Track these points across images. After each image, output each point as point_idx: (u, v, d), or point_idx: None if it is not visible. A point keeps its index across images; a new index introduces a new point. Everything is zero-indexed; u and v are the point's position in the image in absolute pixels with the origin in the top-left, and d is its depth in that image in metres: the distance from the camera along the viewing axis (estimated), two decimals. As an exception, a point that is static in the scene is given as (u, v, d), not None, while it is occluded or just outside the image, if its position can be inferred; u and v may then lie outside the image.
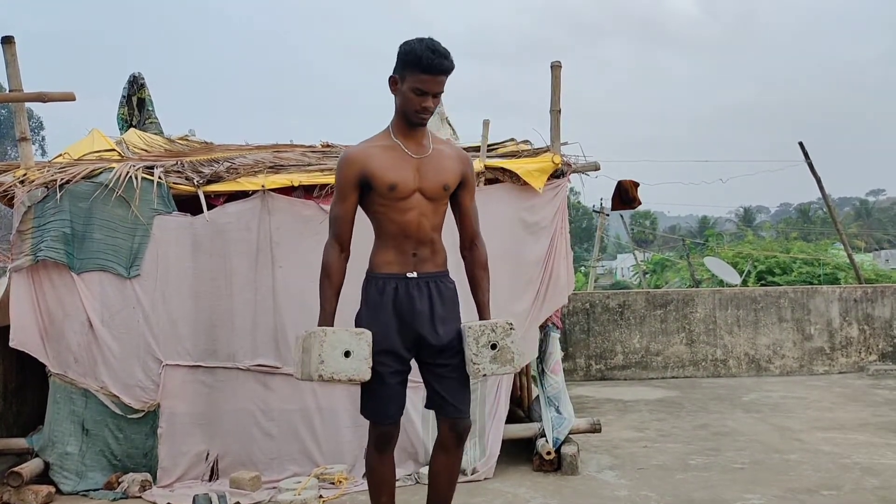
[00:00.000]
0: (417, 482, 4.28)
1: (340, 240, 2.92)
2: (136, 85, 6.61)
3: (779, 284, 12.18)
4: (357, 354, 2.66)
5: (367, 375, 2.70)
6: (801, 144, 10.22)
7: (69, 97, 4.57)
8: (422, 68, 2.73)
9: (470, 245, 3.04)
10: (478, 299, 3.02)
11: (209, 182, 4.61)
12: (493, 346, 2.69)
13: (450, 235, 3.07)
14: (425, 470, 3.90)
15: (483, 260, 3.06)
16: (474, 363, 2.69)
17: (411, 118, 2.83)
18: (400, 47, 2.80)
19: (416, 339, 2.86)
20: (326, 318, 2.84)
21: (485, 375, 2.75)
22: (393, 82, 2.83)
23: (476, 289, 3.03)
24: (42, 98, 4.57)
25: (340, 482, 4.22)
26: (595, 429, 4.82)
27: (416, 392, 3.51)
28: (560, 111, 4.87)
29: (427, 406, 2.99)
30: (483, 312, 3.00)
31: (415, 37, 2.83)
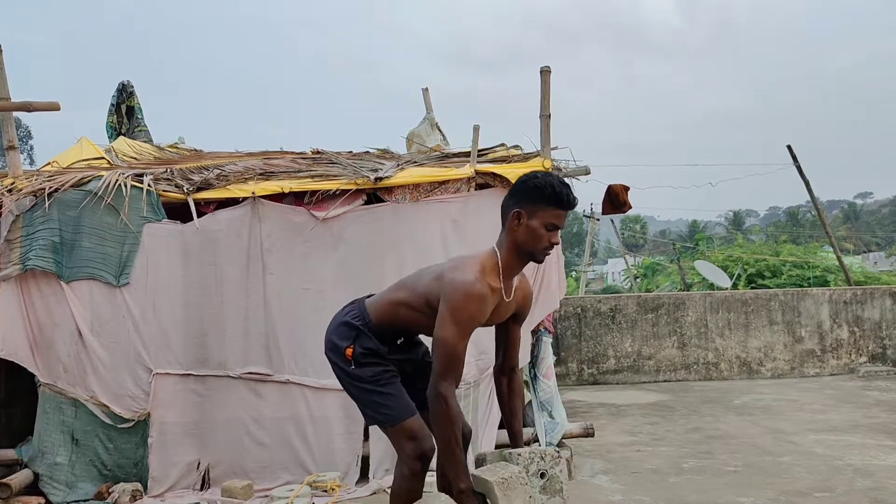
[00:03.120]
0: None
1: (458, 382, 2.58)
2: (125, 93, 6.60)
3: (769, 287, 12.21)
4: None
5: None
6: (789, 148, 10.28)
7: (54, 107, 4.58)
8: (559, 204, 2.61)
9: (510, 371, 2.96)
10: (514, 428, 2.97)
11: (199, 189, 4.59)
12: (542, 475, 2.64)
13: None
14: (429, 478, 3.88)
15: (521, 389, 3.02)
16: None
17: (537, 255, 2.69)
18: (526, 182, 2.66)
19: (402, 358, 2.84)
20: (467, 472, 2.52)
21: None
22: (517, 216, 2.63)
23: (513, 418, 2.98)
24: (27, 107, 4.58)
25: (333, 490, 4.19)
26: (588, 433, 4.82)
27: None
28: (550, 116, 4.88)
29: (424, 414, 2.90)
30: (519, 441, 2.96)
31: (533, 172, 2.70)
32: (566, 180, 2.66)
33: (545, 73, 4.87)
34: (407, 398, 2.72)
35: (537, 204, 2.61)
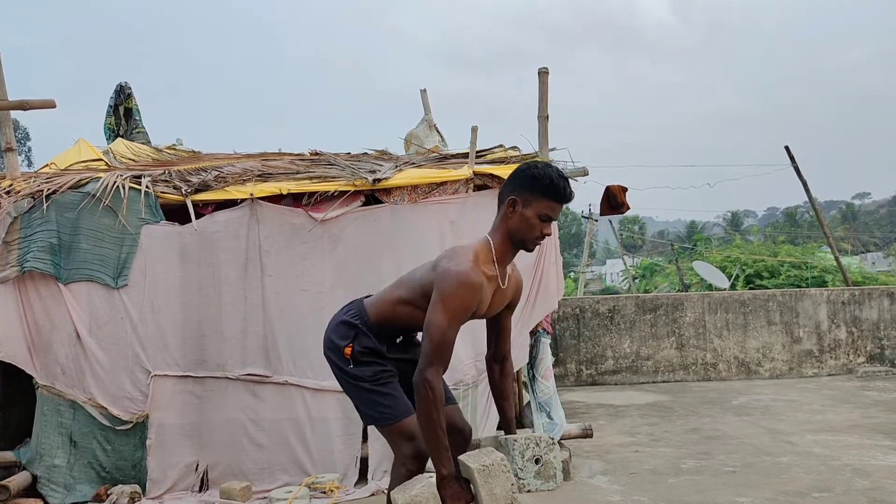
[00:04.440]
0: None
1: (446, 367, 2.57)
2: (122, 94, 6.59)
3: (767, 288, 12.22)
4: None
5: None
6: (787, 148, 10.28)
7: (49, 104, 4.58)
8: (555, 196, 2.64)
9: (503, 359, 3.00)
10: (507, 413, 3.00)
11: (197, 191, 4.59)
12: (537, 461, 2.69)
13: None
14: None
15: (512, 375, 3.05)
16: (519, 478, 2.65)
17: (528, 244, 2.71)
18: (525, 171, 2.67)
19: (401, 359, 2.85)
20: (449, 458, 2.52)
21: (528, 491, 2.68)
22: (512, 203, 2.65)
23: (505, 402, 3.01)
24: (23, 106, 4.57)
25: (332, 491, 4.19)
26: (587, 434, 4.82)
27: None
28: (548, 117, 4.89)
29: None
30: (512, 426, 2.99)
31: (534, 161, 2.68)
32: (565, 173, 2.67)
33: (543, 74, 4.87)
34: (405, 398, 2.73)
35: (534, 194, 2.63)
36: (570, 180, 2.68)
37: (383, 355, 2.74)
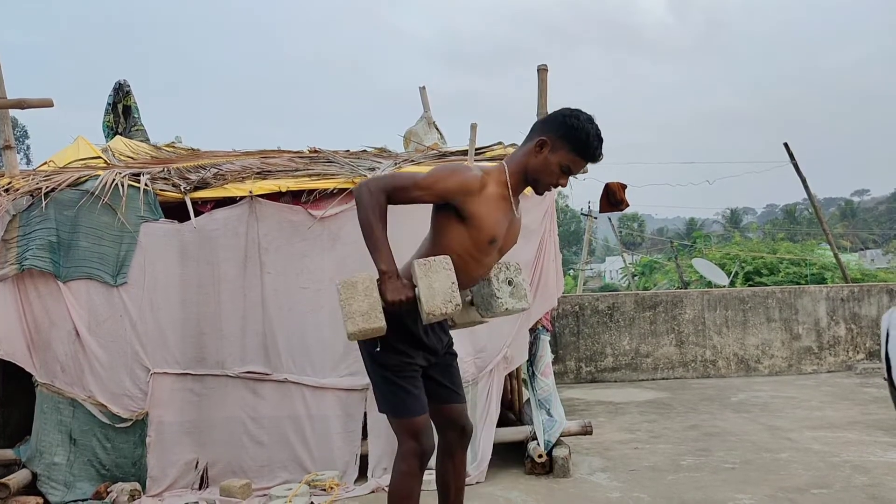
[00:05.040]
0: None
1: (391, 203, 2.61)
2: (121, 92, 6.59)
3: (766, 285, 12.24)
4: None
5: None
6: (786, 145, 10.29)
7: (47, 103, 4.58)
8: (584, 154, 2.64)
9: None
10: None
11: (196, 188, 4.59)
12: (510, 283, 2.76)
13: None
14: (427, 476, 3.88)
15: None
16: (497, 297, 2.71)
17: (539, 187, 2.73)
18: (567, 118, 2.63)
19: (433, 350, 2.83)
20: (389, 257, 2.57)
21: (506, 310, 2.73)
22: (541, 144, 2.64)
23: None
24: (21, 105, 4.57)
25: (332, 488, 4.20)
26: (586, 431, 4.83)
27: None
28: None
29: (430, 406, 2.89)
30: None
31: (579, 109, 2.66)
32: (602, 134, 2.65)
33: (542, 71, 4.87)
34: (422, 395, 2.72)
35: (565, 143, 2.63)
36: (603, 142, 2.65)
37: (417, 340, 2.70)
